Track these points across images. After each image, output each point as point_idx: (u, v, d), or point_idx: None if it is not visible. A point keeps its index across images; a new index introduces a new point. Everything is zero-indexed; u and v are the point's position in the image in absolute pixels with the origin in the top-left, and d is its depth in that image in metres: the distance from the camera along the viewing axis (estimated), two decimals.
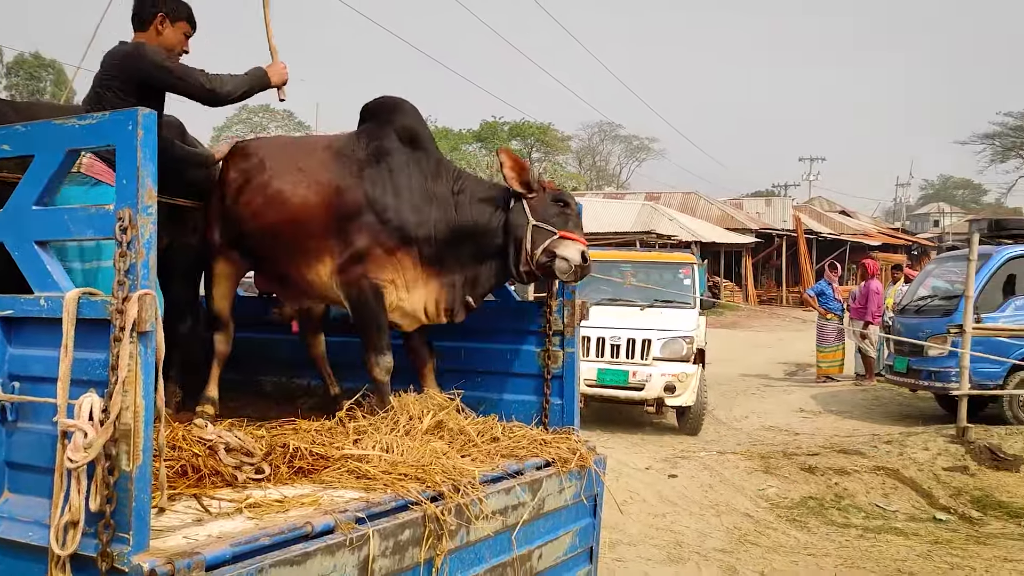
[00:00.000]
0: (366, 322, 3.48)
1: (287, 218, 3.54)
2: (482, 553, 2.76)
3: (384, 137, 3.54)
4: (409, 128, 3.59)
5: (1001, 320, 9.64)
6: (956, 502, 7.06)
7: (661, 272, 10.94)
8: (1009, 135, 54.15)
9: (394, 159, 3.51)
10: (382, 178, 3.46)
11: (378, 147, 3.52)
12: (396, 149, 3.52)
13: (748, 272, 32.64)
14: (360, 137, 3.60)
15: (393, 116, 3.60)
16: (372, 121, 3.64)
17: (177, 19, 3.36)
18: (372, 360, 3.46)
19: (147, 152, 1.96)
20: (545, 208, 3.52)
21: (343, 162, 3.53)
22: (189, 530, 2.14)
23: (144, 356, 1.94)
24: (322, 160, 3.59)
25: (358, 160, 3.52)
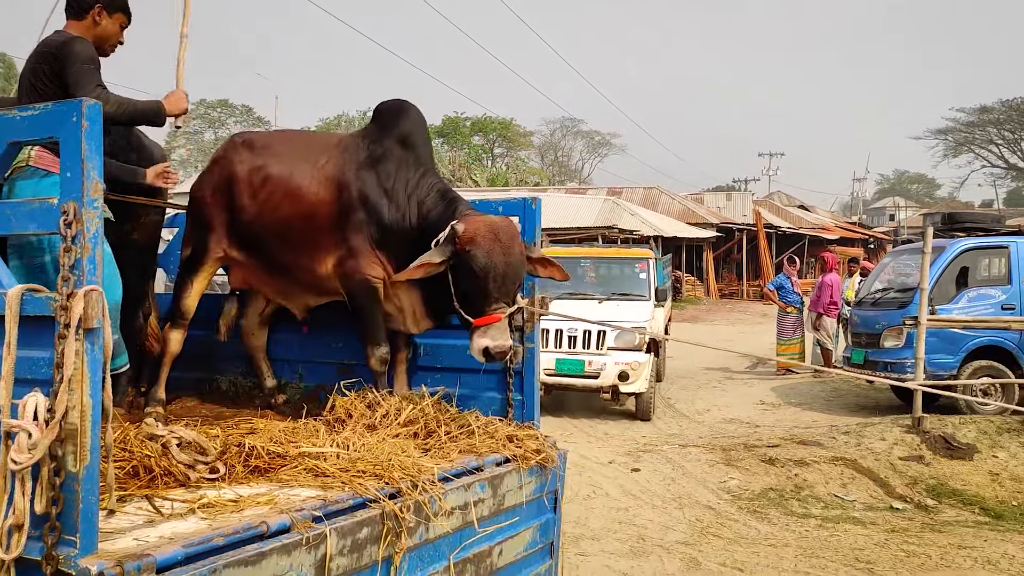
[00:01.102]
0: (363, 315, 3.59)
1: (302, 212, 3.61)
2: (441, 550, 2.74)
3: (383, 140, 3.63)
4: (406, 134, 3.65)
5: (955, 311, 9.84)
6: (912, 491, 7.19)
7: (619, 267, 11.49)
8: (961, 131, 55.42)
9: (386, 163, 3.59)
10: (373, 179, 3.56)
11: (375, 149, 3.62)
12: (390, 153, 3.60)
13: (709, 266, 32.94)
14: (364, 137, 3.70)
15: (396, 120, 3.68)
16: (378, 123, 3.72)
17: (114, 10, 3.31)
18: (369, 351, 3.58)
19: (92, 144, 1.90)
20: (461, 279, 3.32)
21: (347, 159, 3.62)
22: (140, 531, 2.08)
23: (91, 353, 1.88)
24: (333, 155, 3.65)
25: (358, 159, 3.61)
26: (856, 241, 41.83)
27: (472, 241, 3.27)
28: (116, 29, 3.34)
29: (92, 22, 3.26)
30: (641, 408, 10.12)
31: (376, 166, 3.58)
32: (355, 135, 3.79)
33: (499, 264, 3.28)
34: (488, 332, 3.28)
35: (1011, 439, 8.00)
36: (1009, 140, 54.91)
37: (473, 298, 3.32)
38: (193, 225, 3.93)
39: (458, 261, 3.30)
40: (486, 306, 3.30)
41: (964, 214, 12.71)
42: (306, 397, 4.03)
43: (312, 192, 3.60)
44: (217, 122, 50.38)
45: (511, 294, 3.37)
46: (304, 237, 3.63)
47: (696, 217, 33.68)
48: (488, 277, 3.27)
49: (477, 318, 3.30)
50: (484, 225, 3.33)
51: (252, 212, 3.70)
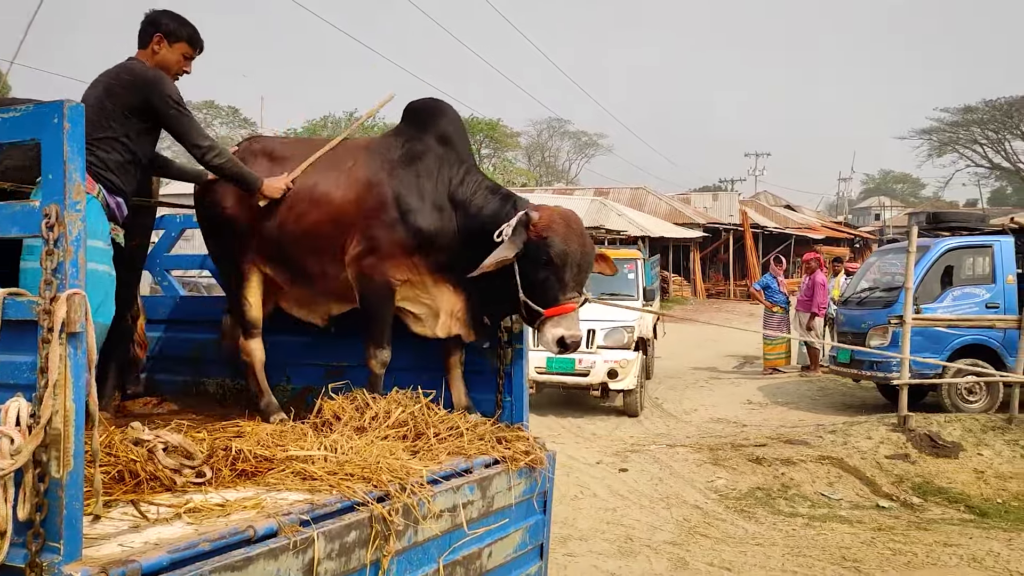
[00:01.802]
0: (372, 315, 3.49)
1: (330, 217, 3.50)
2: (430, 553, 2.73)
3: (422, 138, 3.54)
4: (445, 132, 3.57)
5: (940, 310, 9.91)
6: (898, 489, 7.23)
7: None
8: (946, 131, 55.72)
9: (424, 163, 3.49)
10: (408, 179, 3.46)
11: (413, 147, 3.53)
12: (430, 151, 3.52)
13: (696, 266, 33.03)
14: (398, 136, 3.60)
15: (433, 118, 3.60)
16: (412, 122, 3.63)
17: (176, 40, 3.36)
18: (371, 352, 3.50)
19: (74, 146, 1.88)
20: (533, 271, 3.26)
21: (379, 160, 3.53)
22: (125, 537, 2.06)
23: (74, 358, 1.86)
24: (362, 158, 3.56)
25: (391, 159, 3.51)
26: (842, 241, 42.05)
27: (549, 228, 3.24)
28: (178, 58, 3.39)
29: (152, 51, 3.32)
30: (629, 405, 10.30)
31: (414, 164, 3.49)
32: (386, 136, 3.70)
33: (576, 252, 3.27)
34: (562, 322, 3.23)
35: (995, 437, 8.05)
36: (993, 140, 55.27)
37: (546, 287, 3.26)
38: (218, 236, 3.79)
39: (531, 250, 3.24)
40: (561, 295, 3.25)
41: (948, 213, 12.78)
42: (293, 400, 4.00)
43: (340, 196, 3.49)
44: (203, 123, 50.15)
45: (583, 284, 3.35)
46: (332, 243, 3.52)
47: (683, 217, 33.77)
48: (565, 265, 3.24)
49: (549, 308, 3.25)
50: (558, 214, 3.32)
51: (277, 222, 3.57)
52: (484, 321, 3.53)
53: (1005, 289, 9.99)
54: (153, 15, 3.37)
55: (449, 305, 3.54)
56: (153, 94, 3.16)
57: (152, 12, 3.38)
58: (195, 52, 3.46)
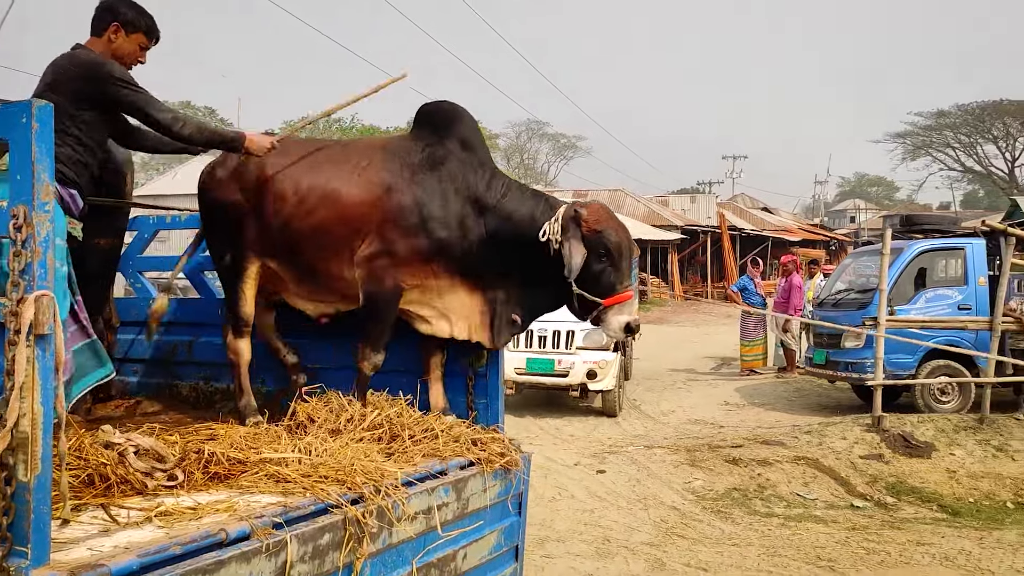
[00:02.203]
0: (375, 317, 3.46)
1: (338, 218, 3.44)
2: (405, 555, 2.72)
3: (443, 143, 3.51)
4: (466, 137, 3.55)
5: (913, 312, 10.02)
6: (872, 489, 7.30)
7: None
8: (919, 134, 56.42)
9: (447, 168, 3.46)
10: (431, 184, 3.42)
11: (435, 152, 3.49)
12: (452, 156, 3.48)
13: (674, 268, 33.20)
14: (417, 141, 3.55)
15: (452, 123, 3.56)
16: (429, 125, 3.58)
17: (134, 30, 3.30)
18: (365, 353, 3.46)
19: (43, 146, 1.86)
20: (591, 262, 3.33)
21: (397, 163, 3.48)
22: (94, 541, 2.04)
23: (42, 360, 1.84)
24: (377, 159, 3.51)
25: (412, 163, 3.47)
26: (818, 243, 42.42)
27: (599, 221, 3.36)
28: (134, 48, 3.32)
29: (108, 40, 3.26)
30: (608, 405, 10.37)
31: (437, 170, 3.45)
32: (403, 139, 3.63)
33: (626, 241, 3.42)
34: (624, 308, 3.37)
35: (967, 437, 8.16)
36: (965, 144, 56.02)
37: (603, 278, 3.36)
38: (218, 229, 3.72)
39: (594, 243, 3.33)
40: (618, 284, 3.37)
41: (921, 216, 12.93)
42: (268, 402, 3.98)
43: (353, 195, 3.43)
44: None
45: (630, 273, 3.46)
46: (341, 242, 3.46)
47: (661, 219, 33.94)
48: (620, 255, 3.38)
49: (608, 297, 3.36)
50: (601, 207, 3.46)
51: (284, 218, 3.52)
52: (514, 320, 3.53)
53: (977, 291, 10.12)
54: (110, 2, 3.28)
55: (465, 309, 3.52)
56: (101, 80, 3.08)
57: (105, 1, 3.29)
58: (151, 43, 3.39)
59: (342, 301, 3.67)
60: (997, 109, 51.84)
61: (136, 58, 3.36)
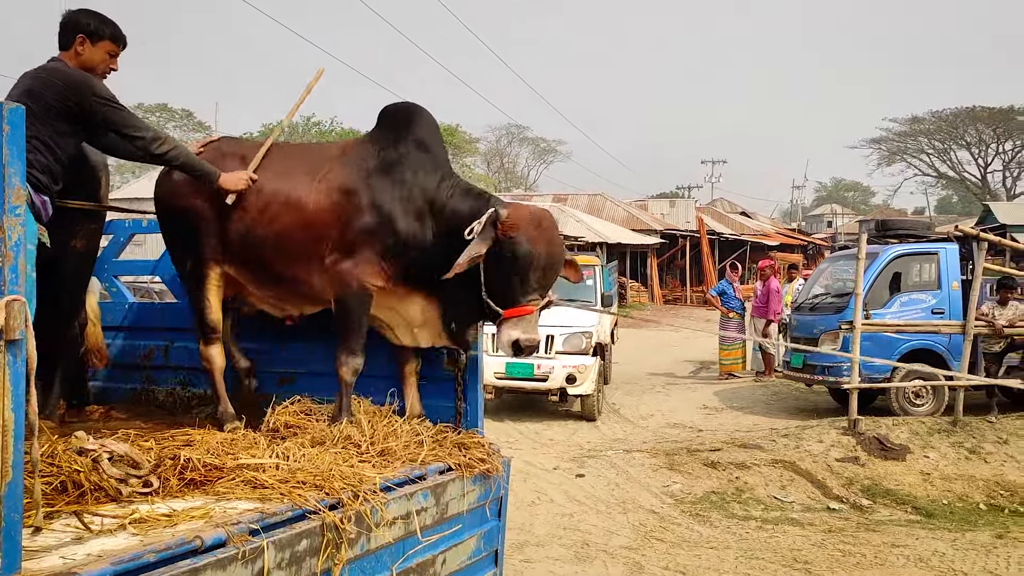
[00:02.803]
0: (347, 321, 3.41)
1: (299, 225, 3.42)
2: (384, 561, 2.71)
3: (398, 145, 3.48)
4: (422, 138, 3.52)
5: (888, 316, 10.13)
6: (848, 491, 7.36)
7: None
8: (894, 140, 57.12)
9: (402, 169, 3.44)
10: (387, 187, 3.40)
11: (389, 154, 3.47)
12: (407, 158, 3.46)
13: (653, 272, 33.33)
14: (374, 143, 3.53)
15: (409, 124, 3.54)
16: (387, 127, 3.56)
17: (99, 39, 3.30)
18: (342, 359, 3.41)
19: (13, 149, 1.83)
20: (498, 269, 3.20)
21: (354, 166, 3.46)
22: (67, 549, 2.01)
23: (13, 366, 1.81)
24: (335, 166, 3.49)
25: (368, 166, 3.45)
26: (796, 247, 42.75)
27: (516, 227, 3.16)
28: (103, 57, 3.32)
29: (75, 52, 3.26)
30: (587, 409, 10.39)
31: (391, 172, 3.44)
32: (361, 142, 3.62)
33: (542, 253, 3.18)
34: (519, 324, 3.17)
35: (941, 440, 8.25)
36: (939, 150, 56.76)
37: (508, 288, 3.19)
38: (178, 235, 3.69)
39: (498, 248, 3.16)
40: (521, 296, 3.18)
41: (896, 221, 13.10)
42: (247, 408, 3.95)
43: (315, 202, 3.42)
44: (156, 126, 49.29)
45: (548, 287, 3.26)
46: (304, 248, 3.45)
47: (640, 224, 34.06)
48: (530, 266, 3.16)
49: (508, 309, 3.19)
50: (528, 212, 3.24)
51: (245, 224, 3.50)
52: (452, 328, 3.48)
53: (950, 295, 10.26)
54: (71, 16, 3.29)
55: (421, 313, 3.50)
56: (83, 97, 3.10)
57: (69, 13, 3.30)
58: (120, 49, 3.38)
59: (306, 304, 3.68)
60: (970, 116, 52.61)
61: (108, 66, 3.37)
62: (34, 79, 3.13)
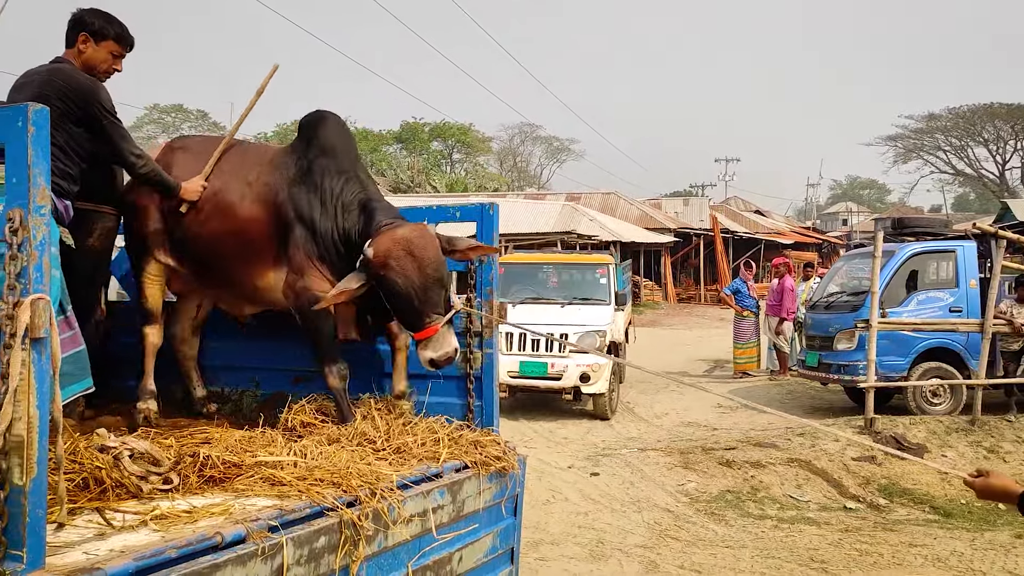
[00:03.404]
0: (314, 332, 3.52)
1: (231, 228, 3.58)
2: (400, 558, 2.72)
3: (307, 153, 3.60)
4: (327, 144, 3.61)
5: (905, 314, 10.06)
6: (864, 491, 7.33)
7: (580, 272, 11.87)
8: (911, 137, 56.65)
9: (313, 176, 3.55)
10: (304, 194, 3.52)
11: (302, 163, 3.59)
12: (315, 165, 3.56)
13: (667, 271, 33.24)
14: (293, 152, 3.67)
15: (316, 131, 3.64)
16: (302, 137, 3.69)
17: (103, 39, 3.33)
18: (326, 369, 3.49)
19: (39, 150, 1.86)
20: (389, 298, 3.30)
21: (278, 175, 3.59)
22: (90, 545, 2.04)
23: (38, 363, 1.84)
24: (264, 172, 3.63)
25: (289, 175, 3.57)
26: (810, 246, 42.54)
27: (384, 265, 3.21)
28: (105, 57, 3.37)
29: (78, 51, 3.30)
30: (599, 408, 10.37)
31: (305, 180, 3.55)
32: (284, 150, 3.76)
33: (416, 280, 3.22)
34: (429, 344, 3.27)
35: (959, 439, 8.20)
36: (956, 147, 56.28)
37: (405, 315, 3.31)
38: (130, 231, 3.88)
39: (379, 283, 3.26)
40: (419, 320, 3.27)
41: (913, 219, 12.97)
42: (262, 405, 3.98)
43: (244, 207, 3.57)
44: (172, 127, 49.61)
45: (439, 303, 3.30)
46: (238, 250, 3.60)
47: (654, 222, 33.97)
48: (411, 296, 3.23)
49: (416, 333, 3.31)
50: (393, 243, 3.24)
51: (182, 222, 3.66)
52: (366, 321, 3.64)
53: (968, 293, 10.17)
54: (78, 14, 3.32)
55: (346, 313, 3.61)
56: (89, 104, 3.15)
57: (78, 11, 3.33)
58: (125, 50, 3.42)
59: (248, 304, 3.86)
60: (988, 112, 52.11)
61: (110, 66, 3.41)
62: (42, 84, 3.14)
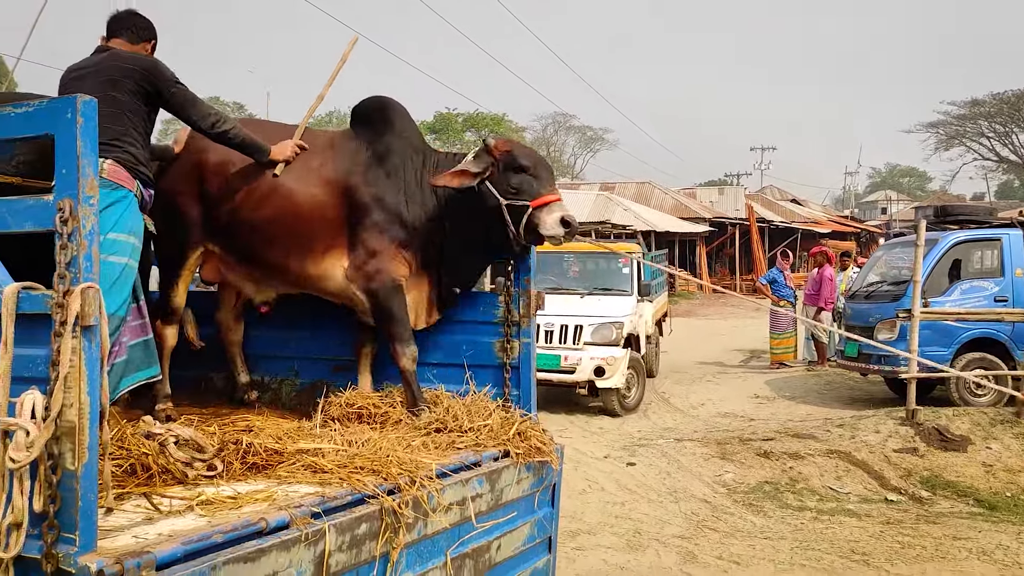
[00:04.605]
0: (389, 316, 3.56)
1: (290, 213, 3.55)
2: (440, 545, 2.74)
3: (382, 137, 3.64)
4: (399, 127, 3.69)
5: (948, 304, 9.88)
6: (906, 483, 7.22)
7: (602, 261, 11.39)
8: (952, 124, 55.43)
9: (391, 160, 3.60)
10: (382, 180, 3.57)
11: (376, 147, 3.62)
12: (392, 148, 3.62)
13: (702, 261, 32.99)
14: (358, 137, 3.68)
15: (386, 115, 3.70)
16: (365, 123, 3.71)
17: (154, 51, 3.51)
18: (399, 351, 3.55)
19: (87, 141, 1.89)
20: (508, 180, 3.52)
21: (348, 161, 3.61)
22: (139, 529, 2.08)
23: (88, 351, 1.88)
24: (329, 157, 3.62)
25: (362, 160, 3.60)
26: (848, 235, 41.91)
27: (508, 142, 3.60)
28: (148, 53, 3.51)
29: (142, 51, 3.42)
30: (608, 403, 9.90)
31: (383, 165, 3.59)
32: (346, 138, 3.73)
33: (537, 155, 3.64)
34: (555, 206, 3.46)
35: (1004, 431, 8.03)
36: (1000, 133, 55.01)
37: (525, 187, 3.50)
38: (166, 219, 3.76)
39: (501, 166, 3.53)
40: (542, 189, 3.50)
41: (956, 207, 12.71)
42: (301, 394, 4.02)
43: (308, 194, 3.53)
44: None
45: (551, 179, 3.59)
46: (295, 236, 3.56)
47: (689, 212, 33.73)
48: (537, 165, 3.56)
49: (535, 199, 3.46)
50: (508, 138, 3.67)
51: (233, 207, 3.60)
52: (454, 293, 3.70)
53: (1014, 282, 9.96)
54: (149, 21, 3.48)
55: (424, 294, 3.69)
56: (157, 78, 3.19)
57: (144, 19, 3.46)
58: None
59: (283, 286, 3.85)
60: None
61: None
62: (110, 69, 3.15)
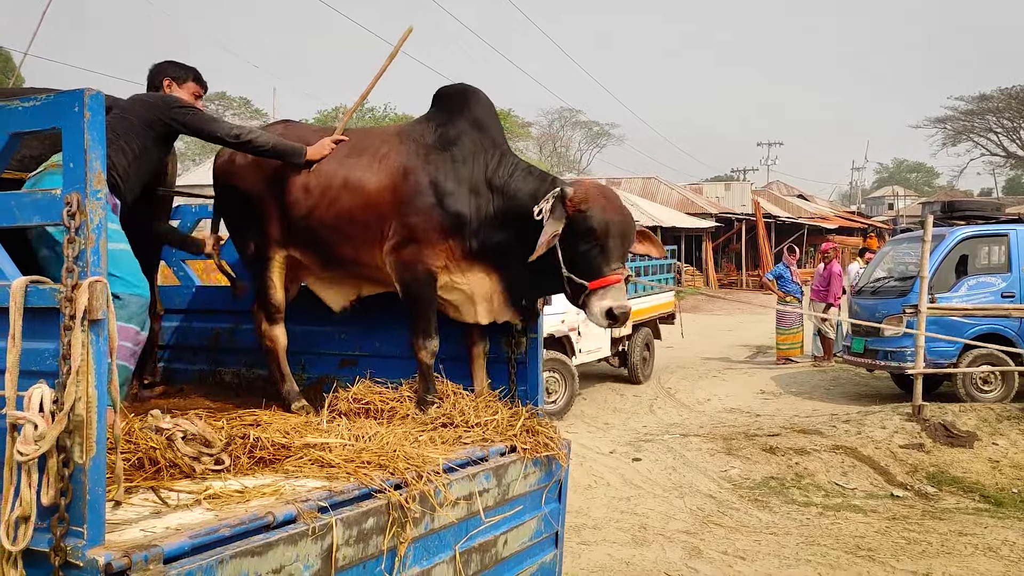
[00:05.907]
0: (416, 305, 3.46)
1: (363, 204, 3.47)
2: (447, 540, 2.74)
3: (455, 123, 3.52)
4: (479, 117, 3.55)
5: (955, 300, 9.85)
6: (912, 479, 7.20)
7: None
8: (960, 119, 55.29)
9: (459, 148, 3.47)
10: (444, 164, 3.44)
11: (447, 132, 3.50)
12: (464, 136, 3.49)
13: (708, 256, 32.92)
14: (431, 122, 3.58)
15: (465, 103, 3.57)
16: (444, 107, 3.60)
17: (183, 81, 3.62)
18: (419, 343, 3.46)
19: (94, 134, 1.89)
20: (575, 246, 3.22)
21: (412, 146, 3.50)
22: (146, 523, 2.09)
23: (96, 345, 1.88)
24: (393, 146, 3.53)
25: (426, 144, 3.49)
26: (855, 230, 41.80)
27: (586, 201, 3.20)
28: (189, 96, 3.61)
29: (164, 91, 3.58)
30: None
31: (449, 150, 3.46)
32: (418, 122, 3.65)
33: (616, 222, 3.22)
34: (608, 293, 3.17)
35: (1011, 426, 8.01)
36: (1008, 128, 54.82)
37: (589, 260, 3.21)
38: (239, 218, 3.78)
39: (571, 224, 3.18)
40: (604, 266, 3.20)
41: (964, 202, 12.67)
42: (309, 389, 4.03)
43: (375, 182, 3.46)
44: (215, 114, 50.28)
45: (625, 256, 3.30)
46: (366, 229, 3.49)
47: (695, 207, 33.65)
48: (608, 235, 3.19)
49: (593, 280, 3.19)
50: (594, 186, 3.30)
51: (307, 206, 3.55)
52: (522, 303, 3.51)
53: (1021, 278, 9.93)
54: (157, 67, 3.63)
55: (485, 290, 3.50)
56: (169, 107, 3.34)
57: (155, 65, 3.64)
58: (202, 91, 3.69)
59: (367, 285, 3.74)
60: None
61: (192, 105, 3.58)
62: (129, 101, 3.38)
